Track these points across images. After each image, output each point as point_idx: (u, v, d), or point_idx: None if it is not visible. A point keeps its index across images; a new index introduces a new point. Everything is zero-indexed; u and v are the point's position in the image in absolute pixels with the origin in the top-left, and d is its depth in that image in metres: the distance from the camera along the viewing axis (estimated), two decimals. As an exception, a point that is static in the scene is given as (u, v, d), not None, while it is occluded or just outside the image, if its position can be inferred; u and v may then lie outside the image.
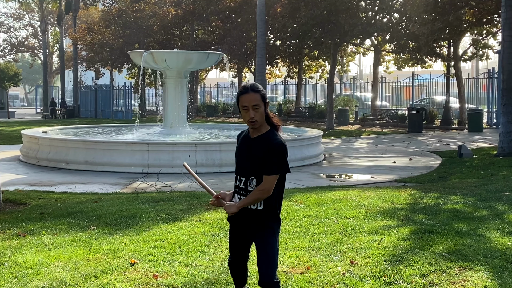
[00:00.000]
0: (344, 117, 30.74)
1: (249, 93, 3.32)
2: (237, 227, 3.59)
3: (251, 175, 3.40)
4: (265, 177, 3.34)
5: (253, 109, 3.31)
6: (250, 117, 3.31)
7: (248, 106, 3.31)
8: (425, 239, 5.57)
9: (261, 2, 24.50)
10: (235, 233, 3.63)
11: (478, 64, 59.69)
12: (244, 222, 3.51)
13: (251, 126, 3.37)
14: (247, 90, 3.33)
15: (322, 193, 8.52)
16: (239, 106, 3.36)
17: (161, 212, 7.15)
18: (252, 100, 3.30)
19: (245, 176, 3.43)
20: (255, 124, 3.34)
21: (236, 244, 3.66)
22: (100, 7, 50.70)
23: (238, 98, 3.36)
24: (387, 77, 40.00)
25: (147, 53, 15.49)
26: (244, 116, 3.35)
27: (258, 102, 3.31)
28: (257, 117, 3.32)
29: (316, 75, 44.77)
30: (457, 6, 24.44)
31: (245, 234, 3.58)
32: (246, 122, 3.36)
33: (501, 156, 13.83)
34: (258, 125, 3.36)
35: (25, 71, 61.69)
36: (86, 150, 13.07)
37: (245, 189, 3.44)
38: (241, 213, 3.43)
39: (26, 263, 4.98)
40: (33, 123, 32.99)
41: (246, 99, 3.31)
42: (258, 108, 3.31)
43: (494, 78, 27.72)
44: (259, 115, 3.33)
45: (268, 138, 3.36)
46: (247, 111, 3.31)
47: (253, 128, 3.38)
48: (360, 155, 16.14)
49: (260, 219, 3.44)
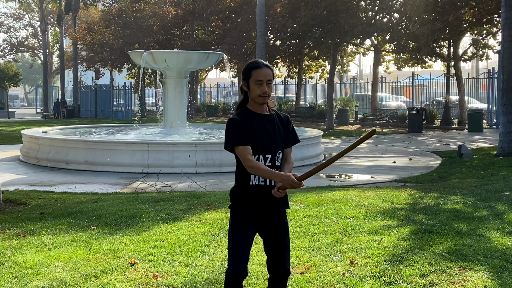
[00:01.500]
0: (344, 117, 30.74)
1: (263, 68, 3.33)
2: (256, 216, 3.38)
3: (278, 149, 3.39)
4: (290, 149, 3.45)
5: (267, 84, 3.32)
6: (263, 91, 3.31)
7: (263, 80, 3.31)
8: (425, 239, 5.57)
9: (261, 2, 24.51)
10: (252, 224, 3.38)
11: (478, 64, 59.68)
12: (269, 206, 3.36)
13: (261, 101, 3.34)
14: (261, 65, 3.35)
15: (322, 193, 8.52)
16: (250, 80, 3.32)
17: (161, 212, 7.15)
18: (267, 75, 3.32)
19: (272, 153, 3.36)
20: (266, 99, 3.35)
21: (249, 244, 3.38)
22: (100, 7, 50.69)
23: (250, 73, 3.33)
24: (387, 77, 40.00)
25: (147, 53, 15.49)
26: (255, 90, 3.32)
27: (271, 78, 3.35)
28: (269, 91, 3.35)
29: (316, 75, 44.77)
30: (457, 6, 24.44)
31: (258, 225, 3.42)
32: (254, 96, 3.34)
33: (501, 156, 13.83)
34: (267, 100, 3.37)
35: (25, 71, 61.64)
36: (86, 150, 13.07)
37: (272, 166, 3.34)
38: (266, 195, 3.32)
39: (26, 263, 4.98)
40: (33, 123, 32.99)
41: (262, 73, 3.31)
42: (270, 83, 3.35)
43: (494, 78, 27.72)
44: (270, 90, 3.37)
45: (279, 113, 3.46)
46: (260, 85, 3.31)
47: (262, 103, 3.37)
48: (360, 155, 16.15)
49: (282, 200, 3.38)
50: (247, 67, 3.36)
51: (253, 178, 3.33)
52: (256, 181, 3.34)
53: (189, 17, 38.74)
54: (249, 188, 3.34)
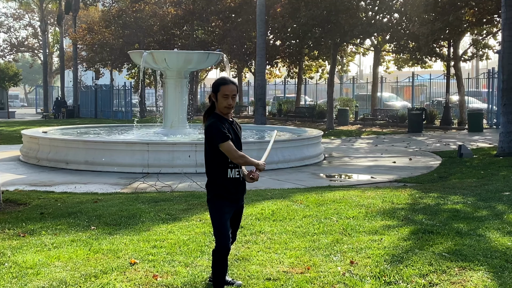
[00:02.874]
0: (344, 117, 30.74)
1: (230, 85, 4.07)
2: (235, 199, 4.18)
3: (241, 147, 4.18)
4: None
5: (232, 98, 4.06)
6: (228, 104, 4.06)
7: (229, 94, 4.04)
8: (425, 239, 5.58)
9: (261, 2, 24.50)
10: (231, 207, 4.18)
11: (478, 64, 59.68)
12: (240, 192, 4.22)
13: (226, 112, 4.09)
14: (228, 82, 4.09)
15: (322, 193, 8.52)
16: (218, 94, 4.05)
17: (161, 212, 7.16)
18: (232, 90, 4.06)
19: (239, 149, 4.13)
20: (230, 110, 4.09)
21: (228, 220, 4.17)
22: (100, 7, 50.69)
23: (219, 87, 4.06)
24: (387, 77, 39.99)
25: (147, 53, 15.49)
26: (222, 102, 4.05)
27: (236, 93, 4.08)
28: (233, 104, 4.09)
29: (316, 75, 44.76)
30: (457, 6, 24.44)
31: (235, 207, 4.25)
32: (221, 108, 4.07)
33: (501, 156, 13.83)
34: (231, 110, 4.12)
35: (25, 71, 61.67)
36: (86, 150, 13.06)
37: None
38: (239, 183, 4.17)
39: (26, 263, 4.98)
40: (33, 123, 32.99)
41: (228, 89, 4.05)
42: (235, 97, 4.08)
43: (494, 78, 27.73)
44: (234, 102, 4.10)
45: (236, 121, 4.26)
46: (226, 98, 4.04)
47: (226, 113, 4.11)
48: (360, 155, 16.14)
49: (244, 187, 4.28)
50: (216, 82, 4.11)
51: (230, 172, 4.08)
52: (233, 174, 4.09)
53: (189, 17, 38.73)
54: (227, 181, 4.08)
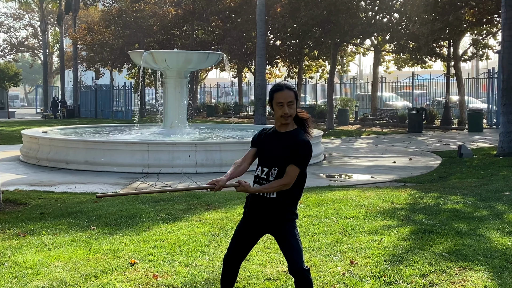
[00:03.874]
0: (344, 117, 30.73)
1: (284, 91, 3.56)
2: (251, 218, 3.69)
3: (274, 166, 3.57)
4: (289, 169, 3.52)
5: (288, 106, 3.53)
6: (284, 113, 3.53)
7: (284, 102, 3.53)
8: (425, 239, 5.58)
9: (261, 2, 24.50)
10: (247, 224, 3.71)
11: (478, 64, 59.65)
12: (259, 213, 3.64)
13: (283, 121, 3.57)
14: (282, 87, 3.58)
15: (322, 193, 8.53)
16: (273, 102, 3.57)
17: (161, 212, 7.16)
18: (287, 97, 3.54)
19: (268, 166, 3.60)
20: (288, 119, 3.56)
21: (243, 236, 3.72)
22: (100, 7, 50.66)
23: (272, 95, 3.58)
24: (387, 77, 39.98)
25: (147, 53, 15.49)
26: (277, 111, 3.56)
27: (292, 99, 3.55)
28: (291, 112, 3.56)
29: (316, 75, 44.76)
30: (457, 6, 24.43)
31: (257, 228, 3.70)
32: (277, 117, 3.58)
33: (501, 156, 13.83)
34: (290, 120, 3.58)
35: (25, 71, 61.64)
36: (86, 150, 13.06)
37: (266, 179, 3.60)
38: (258, 202, 3.62)
39: (26, 263, 4.98)
40: (33, 123, 32.98)
41: (282, 96, 3.54)
42: (292, 104, 3.55)
43: (494, 78, 27.71)
44: (292, 111, 3.57)
45: (297, 134, 3.60)
46: (281, 107, 3.53)
47: (285, 124, 3.59)
48: (360, 155, 16.14)
49: (271, 209, 3.61)
50: (271, 90, 3.62)
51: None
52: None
53: (189, 17, 38.72)
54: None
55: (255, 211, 3.65)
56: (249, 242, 3.73)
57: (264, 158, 3.63)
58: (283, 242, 3.60)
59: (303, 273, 3.51)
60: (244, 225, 3.73)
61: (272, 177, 3.57)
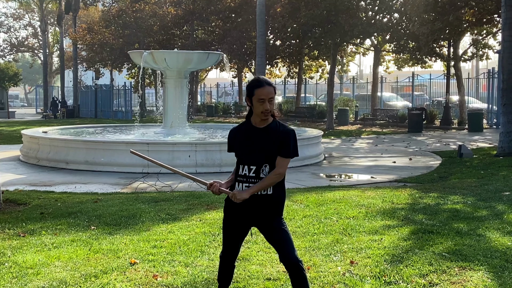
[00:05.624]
0: (344, 117, 30.73)
1: (265, 87, 3.51)
2: (236, 216, 3.65)
3: (265, 162, 3.55)
4: (280, 160, 3.53)
5: (269, 102, 3.50)
6: (265, 109, 3.50)
7: (265, 98, 3.49)
8: (425, 239, 5.58)
9: (261, 2, 24.51)
10: (233, 222, 3.68)
11: (478, 64, 59.65)
12: (247, 210, 3.59)
13: (263, 117, 3.54)
14: (263, 83, 3.53)
15: (322, 193, 8.52)
16: (253, 98, 3.51)
17: (161, 212, 7.15)
18: (269, 93, 3.50)
19: (257, 164, 3.56)
20: (268, 115, 3.53)
21: (233, 234, 3.71)
22: (100, 7, 50.68)
23: (253, 91, 3.51)
24: (387, 77, 39.99)
25: (147, 53, 15.49)
26: (257, 107, 3.51)
27: (273, 96, 3.53)
28: (271, 108, 3.54)
29: (316, 75, 44.77)
30: (457, 6, 24.43)
31: (245, 223, 3.67)
32: (257, 113, 3.53)
33: (501, 156, 13.83)
34: (269, 116, 3.55)
35: (25, 71, 61.64)
36: (86, 150, 13.07)
37: (256, 177, 3.56)
38: (248, 200, 3.54)
39: (26, 263, 4.98)
40: (33, 123, 32.98)
41: (263, 92, 3.49)
42: (272, 100, 3.52)
43: (494, 78, 27.71)
44: (273, 106, 3.55)
45: (279, 126, 3.58)
46: (263, 103, 3.49)
47: (264, 119, 3.55)
48: (360, 155, 16.14)
49: (269, 205, 3.57)
50: (250, 85, 3.55)
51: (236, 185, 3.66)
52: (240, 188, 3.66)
53: (189, 17, 38.74)
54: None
55: (248, 209, 3.58)
56: (240, 238, 3.73)
57: (249, 156, 3.58)
58: (275, 235, 3.57)
59: (299, 264, 3.53)
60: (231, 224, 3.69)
61: (264, 174, 3.55)
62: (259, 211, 3.57)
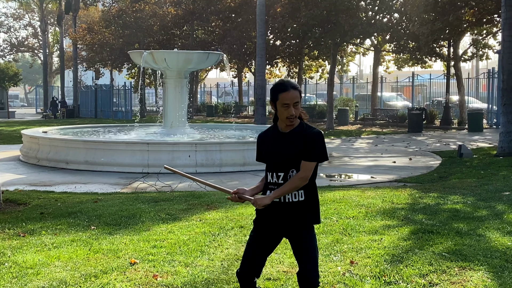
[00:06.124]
0: (344, 117, 30.74)
1: (290, 91, 3.31)
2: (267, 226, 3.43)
3: (291, 168, 3.35)
4: (304, 164, 3.31)
5: (294, 106, 3.32)
6: (290, 114, 3.31)
7: (290, 103, 3.30)
8: (425, 239, 5.57)
9: (261, 2, 24.50)
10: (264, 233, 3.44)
11: (478, 64, 59.66)
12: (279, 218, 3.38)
13: (288, 123, 3.35)
14: (287, 87, 3.33)
15: (322, 193, 8.52)
16: (277, 103, 3.33)
17: (161, 212, 7.15)
18: (294, 98, 3.31)
19: (285, 170, 3.36)
20: (293, 121, 3.35)
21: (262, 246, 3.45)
22: (100, 7, 50.69)
23: (277, 96, 3.33)
24: (387, 77, 39.99)
25: (147, 53, 15.49)
26: (282, 112, 3.33)
27: (298, 100, 3.34)
28: (297, 113, 3.35)
29: (316, 75, 44.77)
30: (457, 6, 24.44)
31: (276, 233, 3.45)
32: (282, 119, 3.36)
33: (501, 156, 13.83)
34: (294, 121, 3.36)
35: (25, 71, 61.63)
36: (86, 150, 13.07)
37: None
38: (277, 208, 3.35)
39: (26, 263, 4.98)
40: (33, 123, 32.98)
41: (288, 96, 3.30)
42: (297, 104, 3.33)
43: (494, 78, 27.72)
44: (298, 111, 3.36)
45: (305, 129, 3.37)
46: (287, 108, 3.31)
47: (289, 125, 3.37)
48: (360, 155, 16.14)
49: (301, 214, 3.36)
50: (273, 89, 3.36)
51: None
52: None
53: (189, 17, 38.74)
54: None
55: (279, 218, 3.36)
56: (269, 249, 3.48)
57: (275, 163, 3.39)
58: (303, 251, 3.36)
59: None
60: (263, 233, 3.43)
61: None
62: (291, 218, 3.35)
